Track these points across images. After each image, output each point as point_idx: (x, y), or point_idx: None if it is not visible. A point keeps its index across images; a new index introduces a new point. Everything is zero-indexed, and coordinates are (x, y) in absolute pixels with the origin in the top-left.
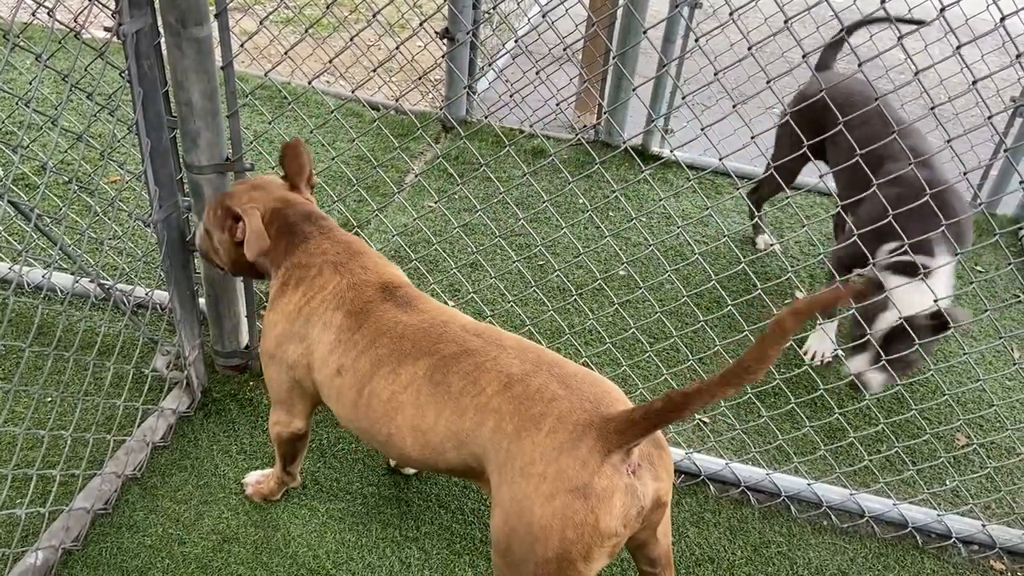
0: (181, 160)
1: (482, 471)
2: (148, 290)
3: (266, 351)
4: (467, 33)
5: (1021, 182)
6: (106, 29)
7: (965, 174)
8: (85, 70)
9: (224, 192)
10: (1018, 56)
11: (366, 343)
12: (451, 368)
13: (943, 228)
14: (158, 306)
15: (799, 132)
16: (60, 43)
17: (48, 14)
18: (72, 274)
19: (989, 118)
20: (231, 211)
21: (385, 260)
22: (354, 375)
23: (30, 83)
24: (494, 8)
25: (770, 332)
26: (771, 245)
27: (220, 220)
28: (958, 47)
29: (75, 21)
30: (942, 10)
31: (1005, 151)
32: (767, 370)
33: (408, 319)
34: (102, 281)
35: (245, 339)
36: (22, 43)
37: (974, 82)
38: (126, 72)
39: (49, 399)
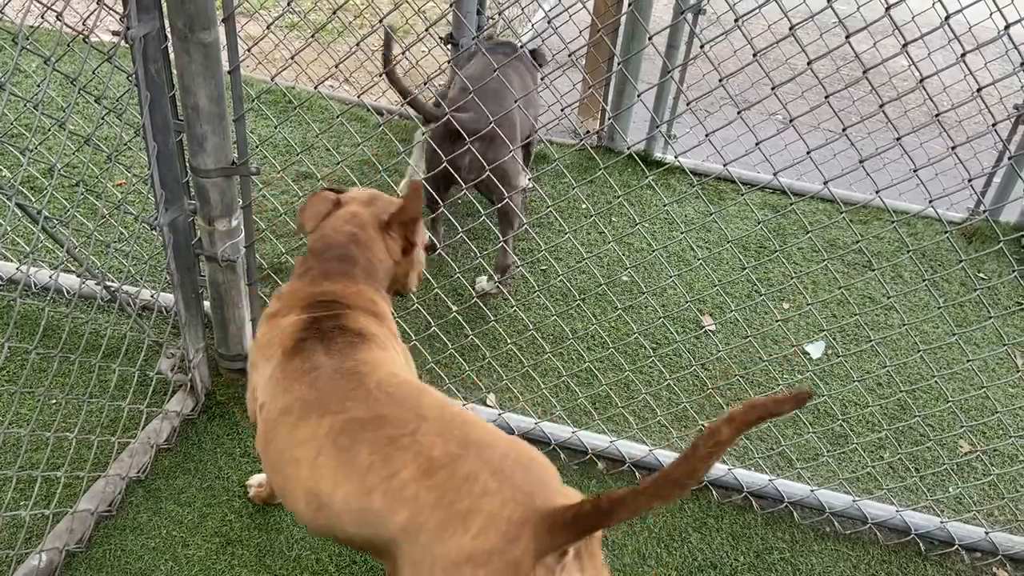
0: (187, 163)
1: (384, 552)
2: (153, 293)
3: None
4: (471, 39)
5: None
6: (114, 33)
7: (969, 181)
8: (93, 73)
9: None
10: (1022, 64)
11: (283, 387)
12: (359, 436)
13: None
14: (163, 309)
15: None
16: (68, 46)
17: (56, 17)
18: (78, 276)
19: (993, 125)
20: (333, 197)
21: (370, 312)
22: (266, 416)
23: (38, 86)
24: (499, 14)
25: (703, 444)
26: None
27: (327, 200)
28: (962, 55)
29: (83, 24)
30: (947, 18)
31: (1009, 158)
32: (699, 483)
33: (328, 364)
34: (108, 283)
35: (249, 342)
36: (30, 46)
37: (978, 89)
38: (133, 76)
39: (54, 401)
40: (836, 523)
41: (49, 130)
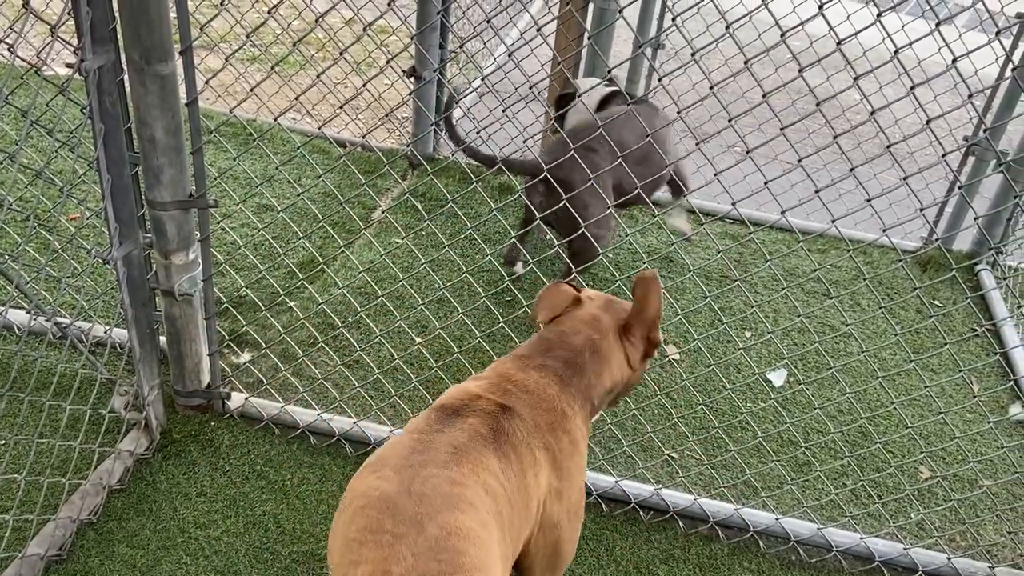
0: (143, 196)
1: None
2: (107, 328)
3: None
4: (433, 71)
5: (975, 219)
6: (68, 65)
7: (922, 211)
8: (47, 106)
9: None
10: (969, 96)
11: (411, 428)
12: (368, 507)
13: None
14: (117, 345)
15: None
16: (21, 79)
17: (9, 50)
18: (28, 312)
19: (943, 156)
20: (574, 293)
21: (558, 427)
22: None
23: None
24: (460, 47)
25: None
26: None
27: (565, 295)
28: (912, 88)
29: (37, 57)
30: (896, 52)
31: (959, 188)
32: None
33: (429, 436)
34: (59, 319)
35: (207, 378)
36: None
37: (927, 121)
38: (88, 108)
39: (2, 442)
40: (801, 551)
41: (1, 163)
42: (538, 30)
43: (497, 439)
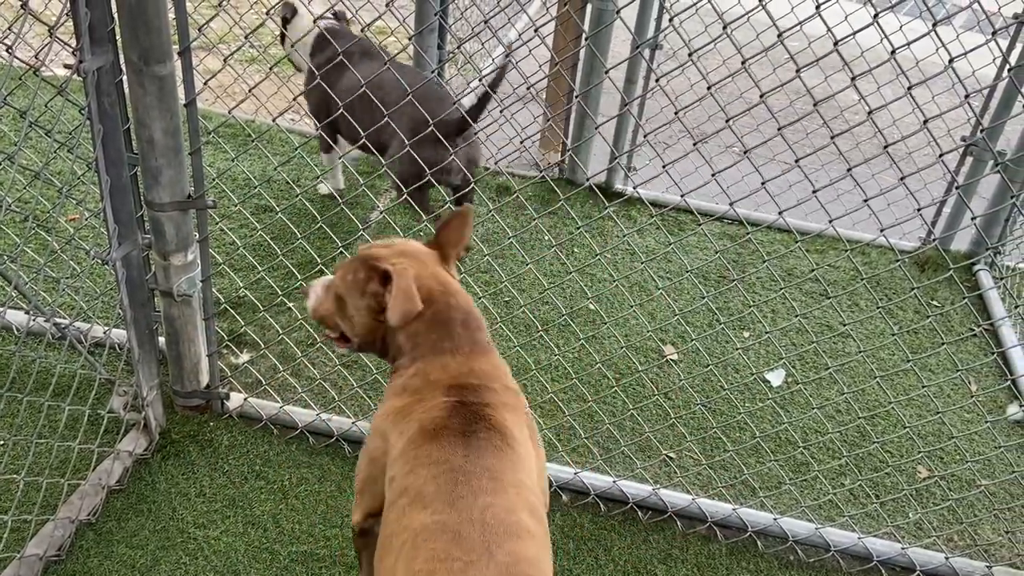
0: (142, 197)
1: None
2: (106, 328)
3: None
4: (432, 72)
5: (973, 219)
6: (67, 66)
7: (919, 211)
8: (45, 107)
9: (365, 252)
10: (967, 96)
11: (409, 468)
12: (430, 542)
13: None
14: (116, 345)
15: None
16: (20, 80)
17: (7, 51)
18: (27, 313)
19: (941, 156)
20: (379, 271)
21: (510, 406)
22: (390, 492)
23: None
24: (458, 48)
25: None
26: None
27: (361, 282)
28: (909, 88)
29: (36, 58)
30: (893, 52)
31: (957, 188)
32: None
33: (457, 463)
34: (58, 320)
35: (206, 379)
36: None
37: (925, 122)
38: (86, 109)
39: (1, 443)
40: (799, 551)
41: (0, 165)
42: (536, 31)
43: (512, 445)
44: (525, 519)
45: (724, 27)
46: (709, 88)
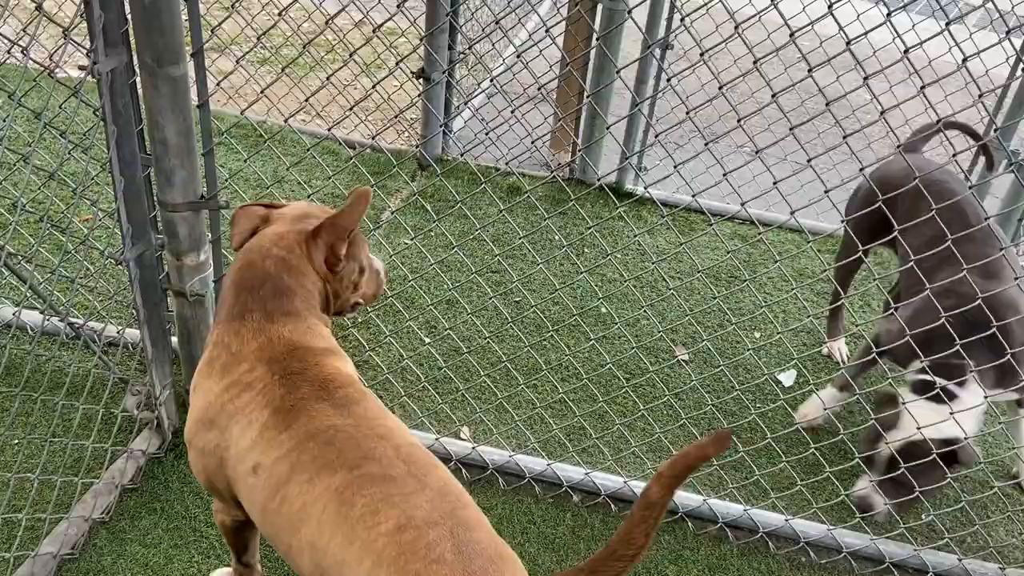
0: (155, 198)
1: None
2: (119, 328)
3: (187, 435)
4: (443, 73)
5: (986, 219)
6: (81, 68)
7: (933, 210)
8: (59, 108)
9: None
10: (980, 96)
11: (291, 445)
12: (362, 490)
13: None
14: (129, 345)
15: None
16: (34, 81)
17: (22, 52)
18: (42, 312)
19: (954, 156)
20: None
21: (333, 352)
22: (269, 477)
23: (3, 121)
24: (469, 48)
25: (638, 509)
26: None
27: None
28: (922, 87)
29: (50, 59)
30: (906, 51)
31: (970, 188)
32: (643, 549)
33: (342, 424)
34: (72, 319)
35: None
36: None
37: (938, 121)
38: (100, 110)
39: (16, 441)
40: (811, 553)
41: (14, 165)
42: (547, 31)
43: (363, 390)
44: (424, 450)
45: (735, 27)
46: (721, 88)
